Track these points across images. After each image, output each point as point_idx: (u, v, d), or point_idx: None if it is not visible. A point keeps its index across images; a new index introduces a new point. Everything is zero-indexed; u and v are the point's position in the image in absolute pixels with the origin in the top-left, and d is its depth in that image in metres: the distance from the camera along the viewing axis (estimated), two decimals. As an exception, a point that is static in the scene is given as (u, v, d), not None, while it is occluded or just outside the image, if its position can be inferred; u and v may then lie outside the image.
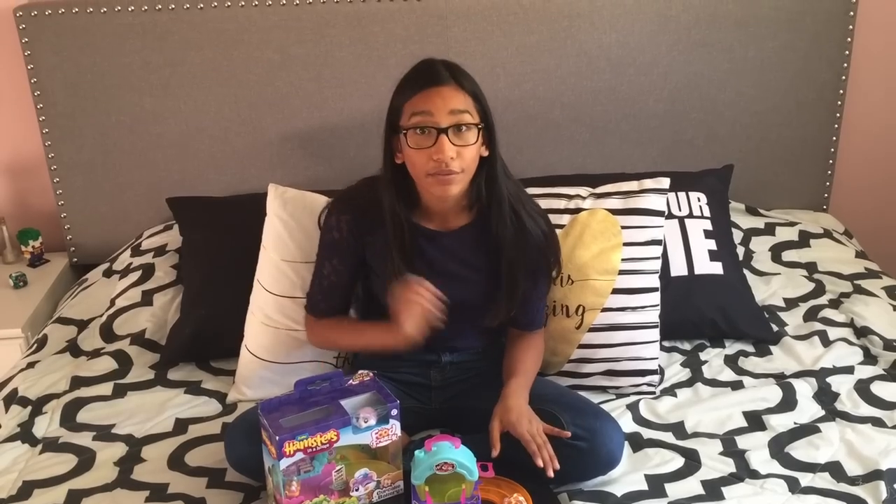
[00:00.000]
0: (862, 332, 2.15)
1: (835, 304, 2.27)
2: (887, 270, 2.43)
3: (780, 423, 1.88)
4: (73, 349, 2.19)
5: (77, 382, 2.06)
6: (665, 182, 2.11)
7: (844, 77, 2.53)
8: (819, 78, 2.53)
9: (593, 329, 2.01)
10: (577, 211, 2.08)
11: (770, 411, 1.92)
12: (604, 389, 2.02)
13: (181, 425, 1.93)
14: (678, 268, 2.19)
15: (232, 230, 2.28)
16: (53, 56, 2.40)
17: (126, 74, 2.42)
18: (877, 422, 1.87)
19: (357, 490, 1.64)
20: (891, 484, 1.68)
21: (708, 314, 2.15)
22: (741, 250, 2.40)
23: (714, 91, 2.52)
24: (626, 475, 1.75)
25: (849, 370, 2.03)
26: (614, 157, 2.55)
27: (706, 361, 2.11)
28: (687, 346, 2.17)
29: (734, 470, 1.76)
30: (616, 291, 2.02)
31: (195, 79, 2.43)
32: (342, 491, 1.63)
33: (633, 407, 1.96)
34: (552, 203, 2.09)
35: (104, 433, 1.91)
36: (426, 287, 1.73)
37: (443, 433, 1.84)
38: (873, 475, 1.71)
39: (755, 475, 1.74)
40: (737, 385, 2.02)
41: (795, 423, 1.88)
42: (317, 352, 2.02)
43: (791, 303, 2.28)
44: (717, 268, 2.20)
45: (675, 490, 1.71)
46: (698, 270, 2.19)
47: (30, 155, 2.58)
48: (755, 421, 1.89)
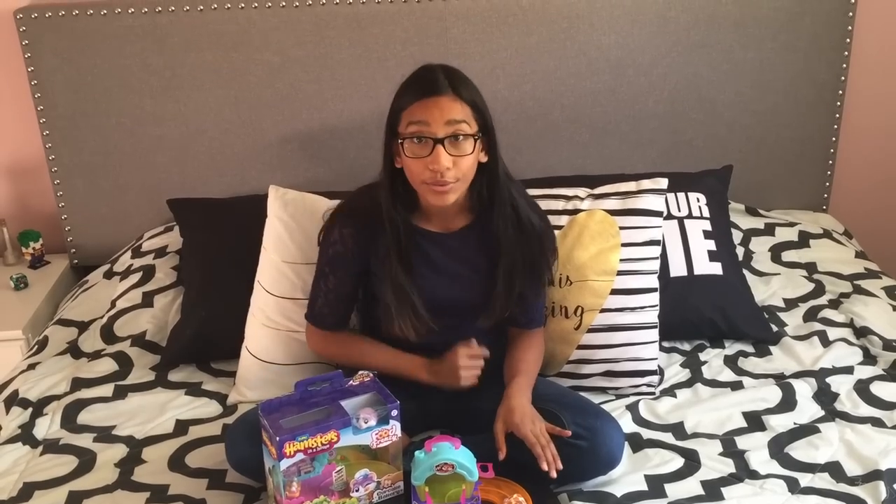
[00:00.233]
0: (861, 333, 2.15)
1: (834, 305, 2.27)
2: (887, 271, 2.43)
3: (780, 424, 1.88)
4: (74, 351, 2.20)
5: (78, 384, 2.06)
6: (663, 182, 2.11)
7: (844, 77, 2.53)
8: (818, 78, 2.53)
9: (592, 330, 2.01)
10: (576, 212, 2.08)
11: (770, 412, 1.92)
12: (603, 390, 2.02)
13: (182, 426, 1.94)
14: (678, 268, 2.19)
15: (232, 232, 2.28)
16: (54, 58, 2.40)
17: (126, 76, 2.42)
18: (876, 422, 1.87)
19: (357, 491, 1.64)
20: (890, 484, 1.68)
21: (707, 314, 2.15)
22: (741, 251, 2.40)
23: (713, 92, 2.52)
24: (626, 475, 1.75)
25: (848, 370, 2.03)
26: (614, 158, 2.55)
27: (706, 362, 2.11)
28: (686, 347, 2.17)
29: (734, 470, 1.76)
30: (615, 292, 2.02)
31: (195, 81, 2.43)
32: (342, 492, 1.63)
33: (633, 407, 1.96)
34: (551, 204, 2.08)
35: (105, 434, 1.92)
36: (480, 352, 1.83)
37: (443, 434, 1.84)
38: (873, 475, 1.71)
39: (755, 475, 1.74)
40: (736, 385, 2.02)
41: (795, 424, 1.88)
42: (317, 353, 2.02)
43: (791, 303, 2.28)
44: (717, 268, 2.21)
45: (675, 490, 1.71)
46: (698, 271, 2.19)
47: (30, 157, 2.58)
48: (755, 421, 1.89)
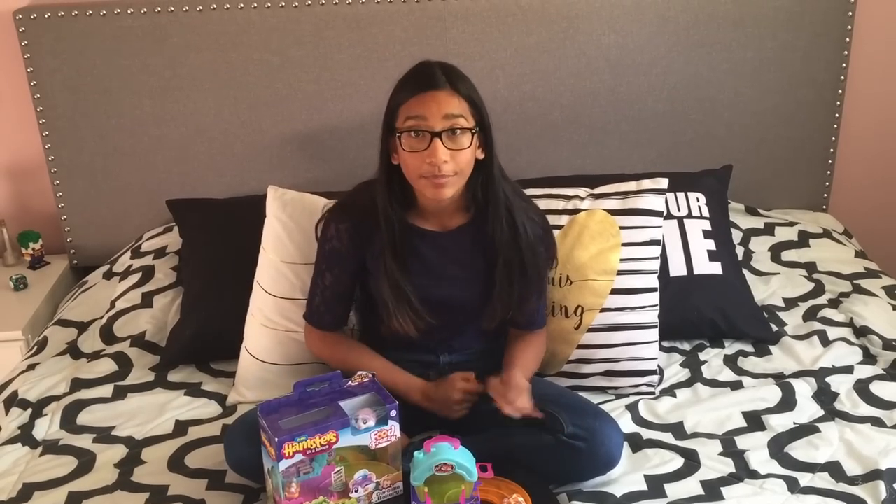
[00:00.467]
0: (861, 332, 2.15)
1: (834, 304, 2.27)
2: (887, 270, 2.43)
3: (780, 423, 1.88)
4: (74, 351, 2.19)
5: (77, 384, 2.06)
6: (663, 182, 2.11)
7: (843, 77, 2.53)
8: (818, 78, 2.53)
9: (592, 329, 2.01)
10: (576, 212, 2.08)
11: (769, 411, 1.92)
12: (603, 390, 2.02)
13: (181, 427, 1.93)
14: (677, 268, 2.19)
15: (232, 232, 2.28)
16: (53, 59, 2.40)
17: (126, 77, 2.42)
18: (876, 421, 1.87)
19: (356, 491, 1.64)
20: (890, 484, 1.68)
21: (707, 314, 2.15)
22: (740, 250, 2.40)
23: (713, 91, 2.52)
24: (626, 475, 1.75)
25: (848, 370, 2.03)
26: (613, 158, 2.55)
27: (705, 361, 2.11)
28: (686, 347, 2.17)
29: (733, 470, 1.75)
30: (615, 292, 2.02)
31: (195, 81, 2.43)
32: (342, 492, 1.63)
33: (633, 407, 1.96)
34: (551, 204, 2.09)
35: (104, 435, 1.92)
36: (476, 388, 1.81)
37: (442, 434, 1.84)
38: (872, 475, 1.71)
39: (754, 475, 1.74)
40: (736, 385, 2.01)
41: (795, 423, 1.88)
42: (316, 353, 2.02)
43: (790, 303, 2.28)
44: (717, 268, 2.20)
45: (675, 490, 1.71)
46: (697, 271, 2.19)
47: (30, 157, 2.58)
48: (754, 421, 1.89)
